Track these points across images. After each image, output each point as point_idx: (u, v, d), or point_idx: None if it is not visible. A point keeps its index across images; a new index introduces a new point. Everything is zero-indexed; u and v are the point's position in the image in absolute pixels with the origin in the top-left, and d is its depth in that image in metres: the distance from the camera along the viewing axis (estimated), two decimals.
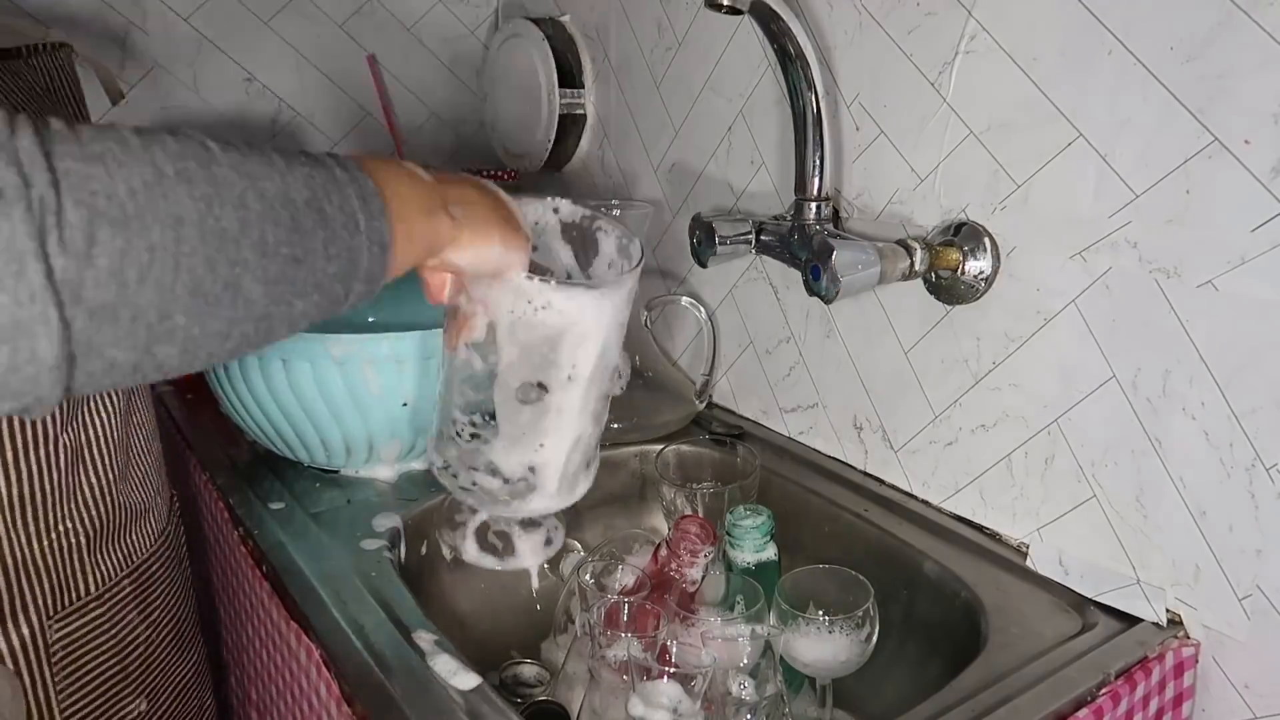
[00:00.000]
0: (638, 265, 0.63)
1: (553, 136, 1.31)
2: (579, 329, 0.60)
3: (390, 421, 0.92)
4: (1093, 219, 0.74)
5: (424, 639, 0.70)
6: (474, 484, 0.63)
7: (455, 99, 1.49)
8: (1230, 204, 0.66)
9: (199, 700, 0.85)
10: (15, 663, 0.66)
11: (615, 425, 1.06)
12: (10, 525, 0.65)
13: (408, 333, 0.89)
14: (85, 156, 0.36)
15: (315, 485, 0.95)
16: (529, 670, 0.75)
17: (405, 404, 0.90)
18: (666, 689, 0.63)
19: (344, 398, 0.89)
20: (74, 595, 0.71)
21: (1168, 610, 0.73)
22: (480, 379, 0.62)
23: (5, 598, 0.66)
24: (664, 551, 0.77)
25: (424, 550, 0.89)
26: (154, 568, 0.78)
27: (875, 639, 0.71)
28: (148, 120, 1.24)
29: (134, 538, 0.76)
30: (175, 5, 1.23)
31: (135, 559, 0.76)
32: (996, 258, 0.81)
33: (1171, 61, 0.67)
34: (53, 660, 0.69)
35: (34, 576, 0.68)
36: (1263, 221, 0.64)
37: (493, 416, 0.63)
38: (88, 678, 0.71)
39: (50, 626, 0.68)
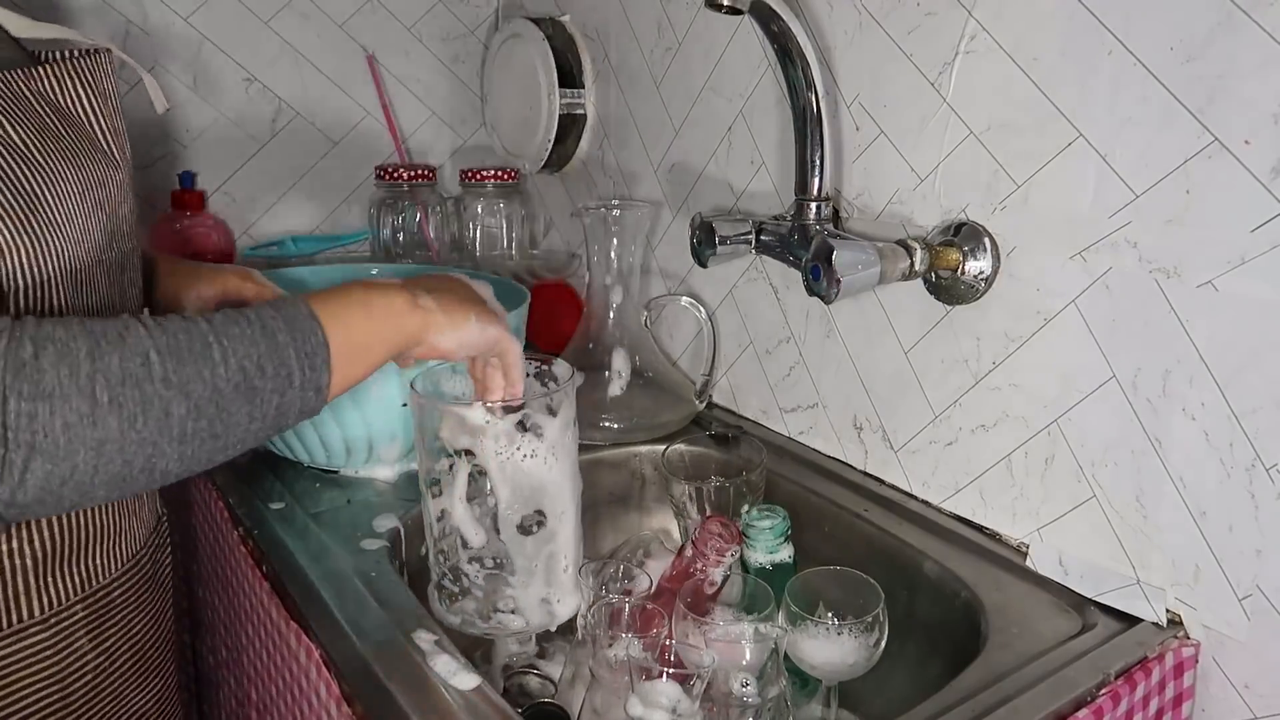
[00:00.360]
0: (572, 377, 0.75)
1: (553, 136, 1.31)
2: (552, 447, 0.71)
3: (390, 422, 0.92)
4: (1093, 219, 0.74)
5: (424, 639, 0.70)
6: (499, 624, 0.73)
7: (455, 99, 1.50)
8: (1230, 204, 0.66)
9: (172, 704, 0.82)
10: None
11: (615, 425, 1.06)
12: None
13: None
14: (34, 395, 0.47)
15: (315, 485, 0.95)
16: (534, 681, 0.75)
17: (405, 404, 0.90)
18: (665, 689, 0.63)
19: (344, 398, 0.89)
20: (15, 619, 0.66)
21: (1168, 610, 0.73)
22: (482, 527, 0.72)
23: None
24: (689, 552, 0.77)
25: (424, 550, 0.89)
26: (116, 593, 0.73)
27: (884, 642, 0.71)
28: (147, 118, 1.24)
29: (95, 561, 0.71)
30: (175, 5, 1.23)
31: (94, 583, 0.71)
32: (996, 258, 0.81)
33: (1171, 61, 0.67)
34: None
35: None
36: (1263, 221, 0.64)
37: (498, 563, 0.72)
38: (15, 706, 0.67)
39: None
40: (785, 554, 0.82)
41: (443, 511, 0.75)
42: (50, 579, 0.68)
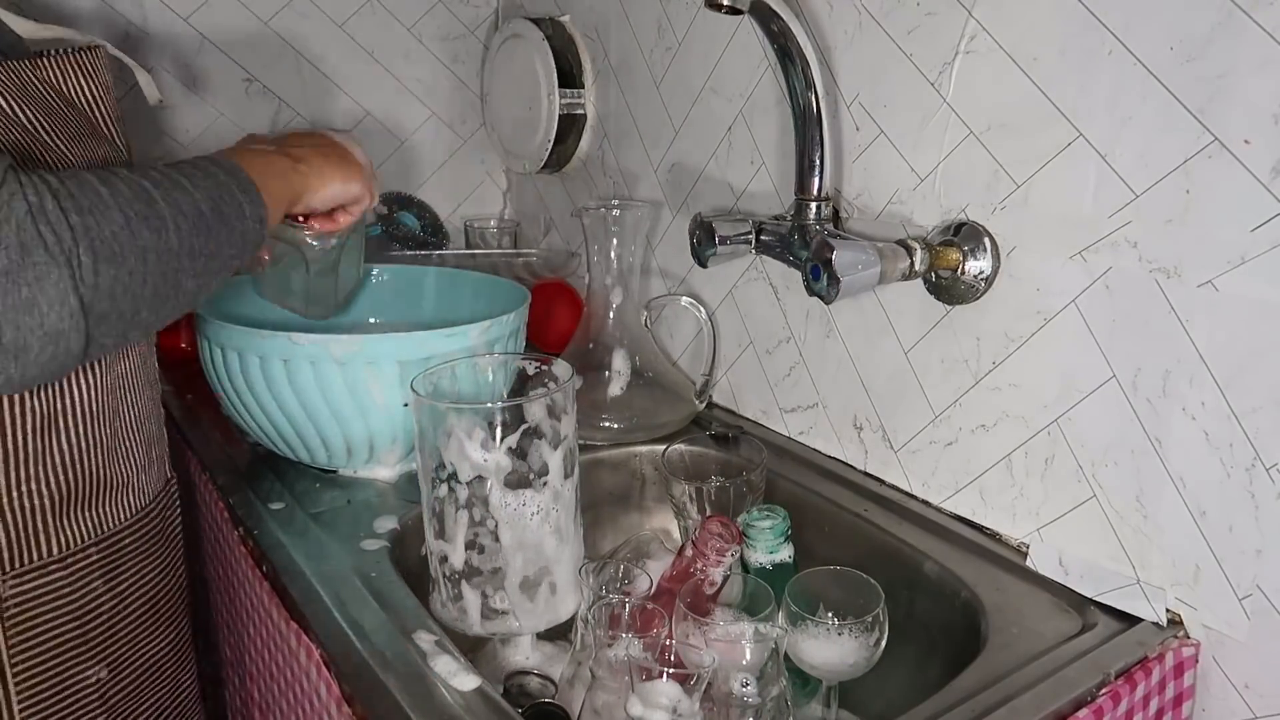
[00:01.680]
0: (571, 378, 0.79)
1: (553, 136, 1.31)
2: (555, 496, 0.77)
3: (391, 422, 0.92)
4: (1093, 219, 0.74)
5: (424, 640, 0.70)
6: (498, 625, 0.76)
7: (455, 99, 1.50)
8: (1230, 204, 0.66)
9: (174, 679, 0.85)
10: None
11: (615, 425, 1.06)
12: None
13: (409, 333, 0.89)
14: (80, 209, 0.54)
15: (315, 485, 0.95)
16: (534, 682, 0.75)
17: (406, 404, 0.90)
18: (665, 689, 0.63)
19: (345, 398, 0.89)
20: (34, 556, 0.71)
21: (1168, 610, 0.73)
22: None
23: None
24: (689, 551, 0.77)
25: (424, 551, 0.89)
26: (127, 541, 0.78)
27: (884, 643, 0.71)
28: (147, 118, 1.24)
29: (108, 508, 0.76)
30: (175, 5, 1.23)
31: (105, 529, 0.76)
32: (996, 258, 0.81)
33: (1171, 61, 0.67)
34: (5, 616, 0.69)
35: None
36: (1263, 221, 0.64)
37: (497, 567, 0.76)
38: (42, 638, 0.72)
39: (5, 583, 0.69)
40: (785, 554, 0.82)
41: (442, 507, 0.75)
42: (65, 521, 0.73)
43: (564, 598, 0.78)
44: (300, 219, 0.84)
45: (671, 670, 0.63)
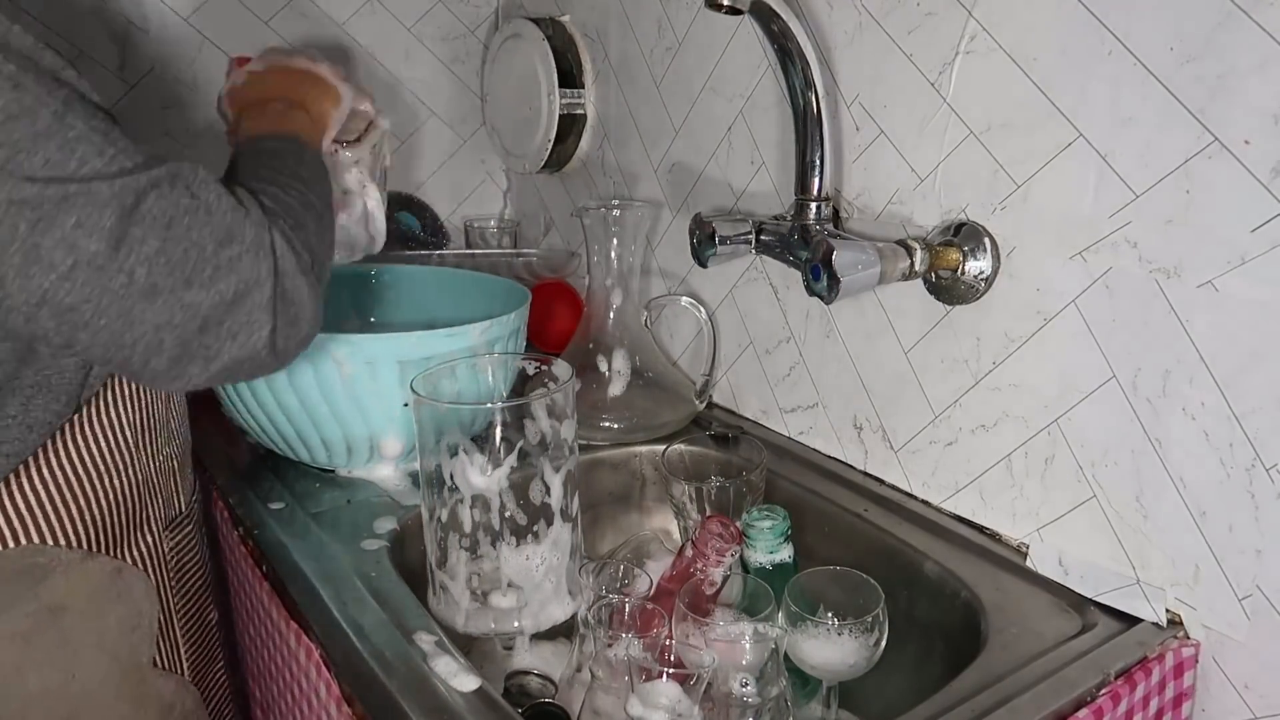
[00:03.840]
0: (571, 379, 0.80)
1: (553, 136, 1.31)
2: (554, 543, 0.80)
3: (391, 422, 0.92)
4: (1093, 219, 0.74)
5: (424, 640, 0.70)
6: (497, 625, 0.78)
7: (455, 99, 1.50)
8: (1230, 204, 0.66)
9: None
10: (144, 567, 0.75)
11: (615, 425, 1.06)
12: (137, 447, 0.74)
13: (408, 333, 0.89)
14: (296, 226, 0.65)
15: (315, 485, 0.95)
16: (534, 682, 0.75)
17: (406, 404, 0.90)
18: (665, 689, 0.63)
19: (345, 398, 0.89)
20: (175, 510, 0.80)
21: (1168, 610, 0.73)
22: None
23: (135, 511, 0.74)
24: (689, 551, 0.77)
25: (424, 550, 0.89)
26: (200, 499, 0.88)
27: (884, 643, 0.71)
28: (147, 119, 1.24)
29: (192, 470, 0.86)
30: (175, 5, 1.23)
31: (196, 489, 0.87)
32: (996, 258, 0.81)
33: (1171, 61, 0.67)
34: (168, 566, 0.78)
35: (152, 493, 0.76)
36: (1263, 221, 0.64)
37: (497, 567, 0.77)
38: (188, 583, 0.82)
39: (165, 537, 0.78)
40: (785, 554, 0.82)
41: (443, 508, 0.76)
42: (183, 481, 0.82)
43: (562, 599, 0.79)
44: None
45: (671, 670, 0.63)
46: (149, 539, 0.76)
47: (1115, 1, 0.70)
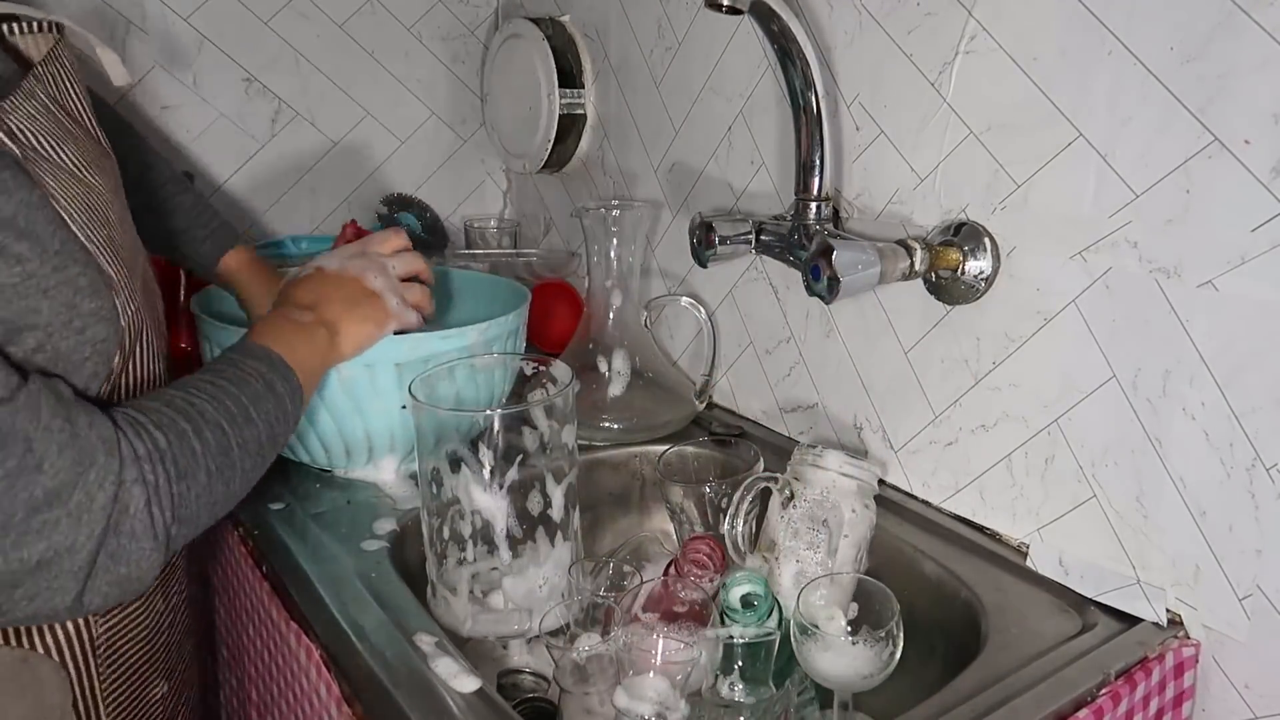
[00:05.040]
0: (571, 382, 0.80)
1: (553, 136, 1.31)
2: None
3: (389, 423, 0.92)
4: (1093, 219, 0.74)
5: (425, 641, 0.70)
6: (496, 626, 0.77)
7: (455, 99, 1.50)
8: (1230, 204, 0.66)
9: (199, 676, 0.88)
10: (61, 655, 0.68)
11: (615, 426, 1.06)
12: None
13: (407, 335, 0.89)
14: (181, 475, 0.59)
15: (315, 486, 0.95)
16: (528, 679, 0.76)
17: (404, 406, 0.90)
18: (653, 684, 0.63)
19: (342, 399, 0.89)
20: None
21: (1168, 610, 0.73)
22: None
23: None
24: (672, 571, 0.78)
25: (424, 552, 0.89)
26: (176, 563, 0.81)
27: (899, 654, 0.67)
28: (147, 118, 1.24)
29: None
30: (175, 5, 1.23)
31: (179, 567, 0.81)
32: (996, 258, 0.81)
33: (1171, 61, 0.67)
34: (97, 652, 0.71)
35: None
36: (1263, 221, 0.64)
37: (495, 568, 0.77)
38: (124, 665, 0.74)
39: (95, 622, 0.71)
40: (770, 624, 0.72)
41: (442, 512, 0.76)
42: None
43: (559, 601, 0.79)
44: None
45: (658, 665, 0.63)
46: (68, 628, 0.68)
47: (1115, 1, 0.70)
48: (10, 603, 0.54)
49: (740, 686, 0.69)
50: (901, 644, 0.68)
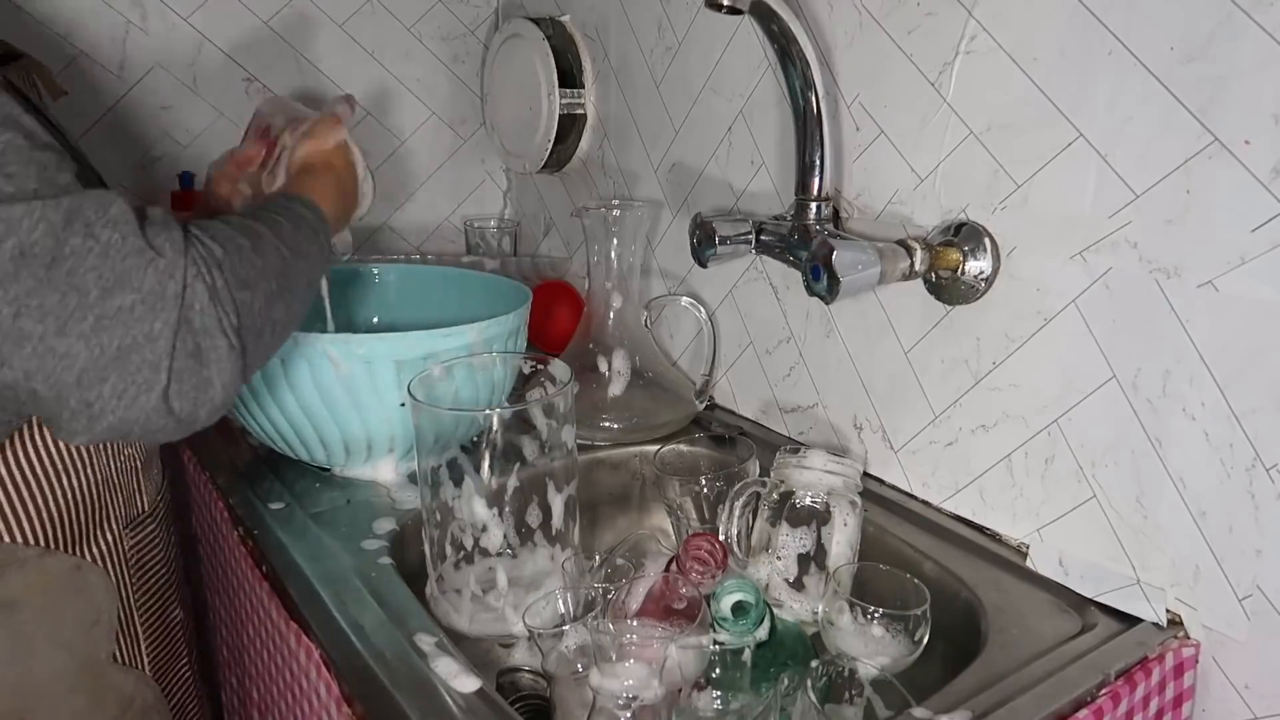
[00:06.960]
0: (570, 382, 0.80)
1: (553, 136, 1.31)
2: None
3: (389, 422, 0.92)
4: (1093, 219, 0.74)
5: (425, 641, 0.70)
6: (495, 625, 0.78)
7: (455, 99, 1.50)
8: (1230, 204, 0.66)
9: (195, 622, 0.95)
10: (104, 564, 0.76)
11: (615, 425, 1.06)
12: (96, 447, 0.74)
13: (407, 333, 0.89)
14: (241, 283, 0.60)
15: (315, 485, 0.95)
16: (526, 678, 0.75)
17: (404, 404, 0.90)
18: (631, 670, 0.63)
19: (342, 398, 0.89)
20: (137, 509, 0.81)
21: (1168, 610, 0.73)
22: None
23: (95, 509, 0.75)
24: (673, 567, 0.77)
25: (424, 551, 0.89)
26: (168, 498, 0.88)
27: (924, 644, 0.70)
28: (147, 118, 1.24)
29: (159, 467, 0.86)
30: (175, 5, 1.23)
31: (163, 488, 0.87)
32: (996, 258, 0.81)
33: (1171, 61, 0.67)
34: (129, 564, 0.79)
35: (112, 491, 0.77)
36: (1263, 221, 0.64)
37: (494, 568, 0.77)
38: (150, 581, 0.82)
39: (125, 535, 0.78)
40: (763, 631, 0.73)
41: (442, 511, 0.76)
42: (148, 477, 0.82)
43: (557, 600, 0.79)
44: None
45: (635, 652, 0.63)
46: (109, 537, 0.76)
47: (1115, 1, 0.70)
48: (102, 401, 0.55)
49: (716, 695, 0.69)
50: (927, 637, 0.71)
